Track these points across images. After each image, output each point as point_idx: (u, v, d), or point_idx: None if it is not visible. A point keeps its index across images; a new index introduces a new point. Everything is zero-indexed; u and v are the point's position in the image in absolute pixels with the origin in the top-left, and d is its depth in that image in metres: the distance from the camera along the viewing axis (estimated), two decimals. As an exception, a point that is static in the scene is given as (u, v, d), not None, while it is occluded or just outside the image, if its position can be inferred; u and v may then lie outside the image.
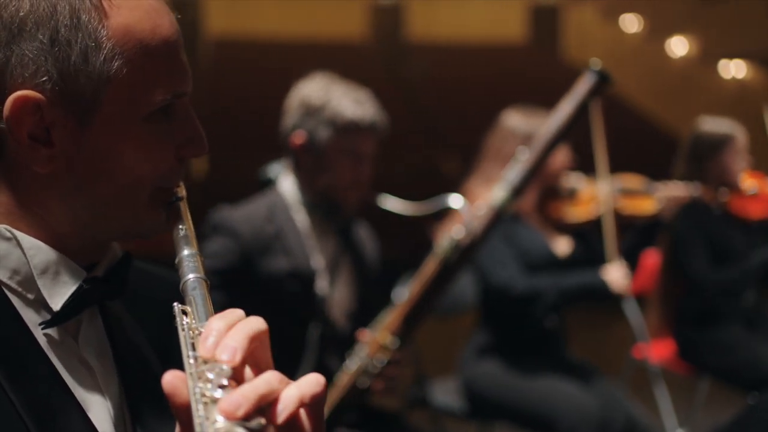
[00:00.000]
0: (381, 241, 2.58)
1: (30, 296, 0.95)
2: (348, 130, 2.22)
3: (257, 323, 0.81)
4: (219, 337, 0.79)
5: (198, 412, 0.72)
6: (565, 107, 2.18)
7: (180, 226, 0.98)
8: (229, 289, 2.18)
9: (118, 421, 0.99)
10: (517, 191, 2.17)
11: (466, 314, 3.27)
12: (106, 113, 0.93)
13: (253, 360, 0.80)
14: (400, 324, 2.11)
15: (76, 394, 0.95)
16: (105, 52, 0.92)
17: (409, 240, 3.16)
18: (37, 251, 0.95)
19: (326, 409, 2.05)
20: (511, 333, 2.95)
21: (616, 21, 15.14)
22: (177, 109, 1.00)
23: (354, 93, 2.27)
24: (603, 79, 2.15)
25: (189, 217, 1.01)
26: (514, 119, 2.95)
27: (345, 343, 2.23)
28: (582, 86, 2.17)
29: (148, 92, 0.95)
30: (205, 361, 0.77)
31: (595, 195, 3.03)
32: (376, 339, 2.11)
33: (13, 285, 0.94)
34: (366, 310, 2.31)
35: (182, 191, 1.04)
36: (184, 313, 0.87)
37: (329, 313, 2.29)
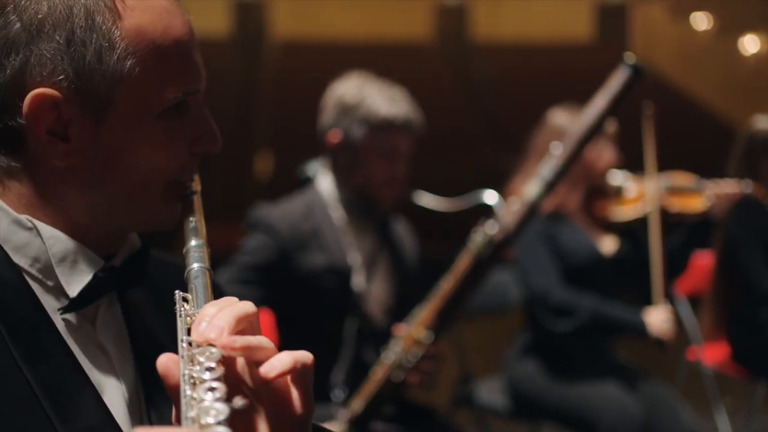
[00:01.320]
0: (426, 238, 2.61)
1: (49, 283, 1.01)
2: (382, 128, 2.26)
3: (245, 306, 0.85)
4: (211, 322, 0.84)
5: (185, 392, 0.76)
6: (599, 102, 2.17)
7: (191, 218, 1.03)
8: (267, 284, 2.24)
9: (133, 404, 1.04)
10: (551, 186, 2.17)
11: (512, 314, 3.28)
12: (120, 110, 0.98)
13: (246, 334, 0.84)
14: (433, 319, 2.14)
15: (91, 377, 1.00)
16: (118, 51, 0.97)
17: (454, 236, 3.18)
18: (56, 241, 1.01)
19: (362, 402, 2.10)
20: (555, 334, 2.94)
21: (686, 19, 14.83)
22: (190, 107, 1.04)
23: (388, 91, 2.31)
24: (637, 73, 2.14)
25: (201, 210, 1.06)
26: (560, 117, 2.94)
27: (382, 338, 2.27)
28: (616, 80, 2.16)
29: (161, 90, 0.99)
30: (198, 345, 0.82)
31: (643, 193, 3.00)
32: (410, 333, 2.15)
33: (34, 272, 1.00)
34: (404, 306, 2.34)
35: (196, 185, 1.09)
36: (185, 300, 0.92)
37: (366, 308, 2.34)
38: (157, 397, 1.05)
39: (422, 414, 2.41)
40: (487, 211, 2.30)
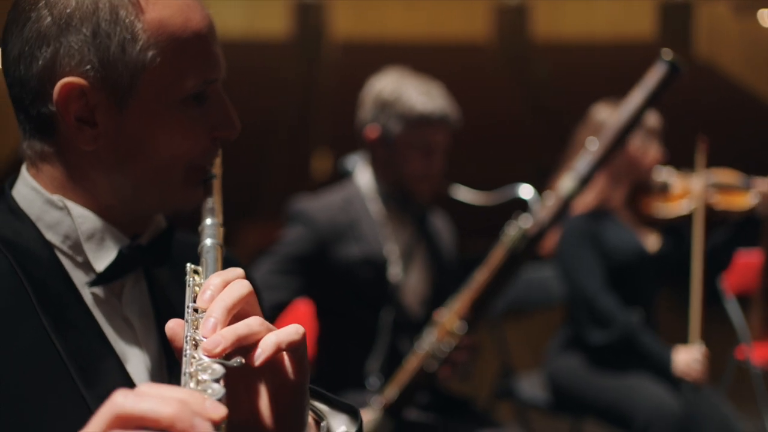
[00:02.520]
0: (465, 233, 2.65)
1: (79, 259, 1.08)
2: (419, 123, 2.31)
3: (240, 289, 0.88)
4: (215, 291, 0.89)
5: (186, 351, 0.83)
6: (635, 97, 2.18)
7: (209, 200, 1.09)
8: (306, 275, 2.31)
9: (155, 374, 1.10)
10: (585, 181, 2.19)
11: (554, 309, 3.29)
12: (143, 98, 1.05)
13: (240, 318, 0.89)
14: (467, 310, 2.18)
15: (115, 347, 1.06)
16: (140, 43, 1.04)
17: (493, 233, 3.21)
18: (85, 219, 1.08)
19: (395, 390, 2.15)
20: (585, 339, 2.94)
21: (752, 16, 14.48)
22: (210, 95, 1.11)
23: (425, 87, 2.35)
24: (674, 70, 2.14)
25: (219, 193, 1.12)
26: (602, 112, 2.94)
27: (417, 329, 2.31)
28: (652, 77, 2.16)
29: (180, 80, 1.06)
30: (202, 311, 0.87)
31: (688, 189, 2.98)
32: (444, 324, 2.18)
33: (65, 248, 1.07)
34: (440, 298, 2.38)
35: (217, 169, 1.15)
36: (196, 272, 0.98)
37: (402, 299, 2.38)
38: (177, 368, 1.12)
39: (459, 404, 2.44)
40: (523, 206, 2.32)
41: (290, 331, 0.87)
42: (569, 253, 2.86)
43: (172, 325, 0.86)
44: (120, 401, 0.69)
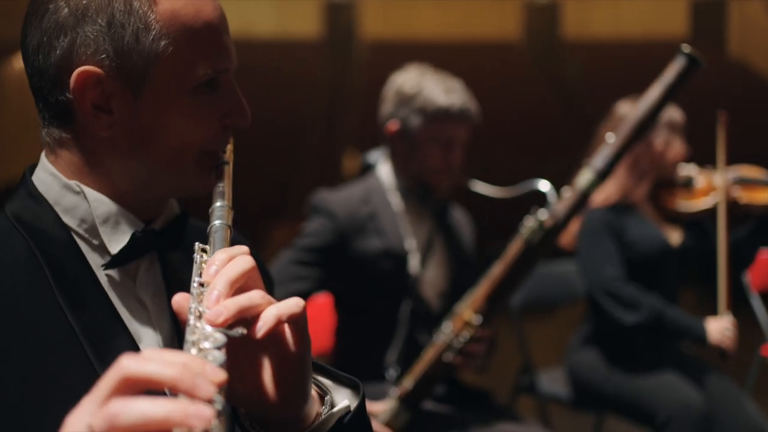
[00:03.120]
0: (488, 228, 2.66)
1: (95, 242, 1.12)
2: (438, 117, 2.33)
3: (243, 264, 0.92)
4: (220, 265, 0.92)
5: (190, 322, 0.86)
6: (654, 91, 2.19)
7: (219, 184, 1.13)
8: (326, 266, 2.34)
9: None
10: (603, 175, 2.20)
11: (579, 305, 3.29)
12: (156, 86, 1.08)
13: (243, 292, 0.92)
14: (483, 302, 2.20)
15: (129, 327, 1.10)
16: (153, 33, 1.07)
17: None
18: (100, 204, 1.12)
19: (412, 380, 2.18)
20: (617, 325, 2.94)
21: (787, 14, 14.30)
22: (221, 83, 1.14)
23: (446, 82, 2.37)
24: (693, 63, 2.15)
25: (230, 178, 1.15)
26: (625, 108, 2.94)
27: (435, 321, 2.34)
28: (671, 70, 2.17)
29: (192, 68, 1.09)
30: (207, 285, 0.91)
31: (711, 185, 2.98)
32: (461, 316, 2.21)
33: (81, 231, 1.11)
34: (459, 291, 2.40)
35: (228, 156, 1.18)
36: (204, 250, 1.01)
37: (421, 292, 2.41)
38: None
39: (477, 397, 2.46)
40: (543, 202, 2.33)
41: (291, 304, 0.91)
42: (589, 244, 2.86)
43: (179, 299, 0.90)
44: (126, 364, 0.72)
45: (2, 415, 0.97)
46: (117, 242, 1.12)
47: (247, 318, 0.88)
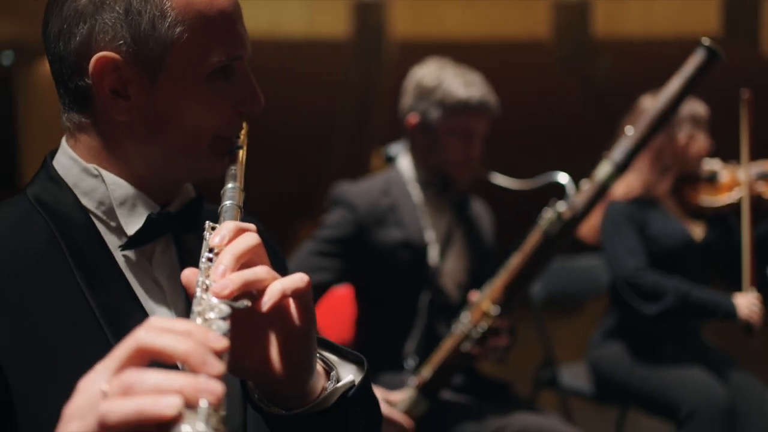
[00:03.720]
0: (508, 222, 2.67)
1: (112, 224, 1.15)
2: (457, 110, 2.35)
3: (249, 240, 0.94)
4: (228, 233, 0.95)
5: (197, 294, 0.89)
6: (673, 84, 2.19)
7: (232, 167, 1.16)
8: (346, 257, 2.37)
9: None
10: (622, 168, 2.21)
11: (604, 299, 3.28)
12: (171, 72, 1.12)
13: (249, 267, 0.94)
14: (501, 293, 2.21)
15: (145, 306, 1.13)
16: (169, 20, 1.10)
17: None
18: (118, 187, 1.15)
19: (431, 370, 2.20)
20: (639, 317, 2.94)
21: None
22: (235, 71, 1.17)
23: (465, 75, 2.39)
24: (712, 56, 2.14)
25: (243, 162, 1.18)
26: (649, 102, 2.94)
27: (454, 312, 2.36)
28: (690, 63, 2.17)
29: (206, 55, 1.12)
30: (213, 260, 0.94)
31: (735, 180, 2.96)
32: (479, 306, 2.22)
33: (99, 214, 1.15)
34: (478, 282, 2.41)
35: (242, 141, 1.21)
36: (213, 229, 1.04)
37: (440, 283, 2.43)
38: None
39: (497, 388, 2.47)
40: (563, 195, 2.33)
41: (295, 279, 0.93)
42: (611, 236, 2.86)
43: (188, 274, 0.92)
44: (142, 336, 0.75)
45: (24, 387, 1.00)
46: (133, 224, 1.15)
47: (252, 292, 0.91)
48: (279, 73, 13.92)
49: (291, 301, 0.94)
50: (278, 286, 0.91)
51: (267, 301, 0.90)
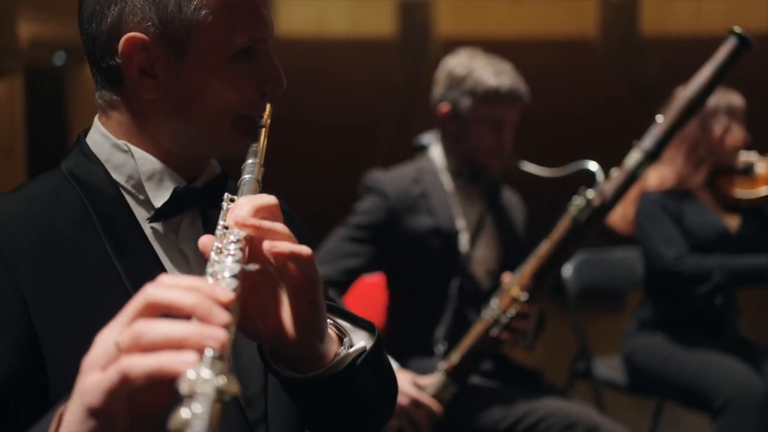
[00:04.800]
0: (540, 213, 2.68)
1: (141, 197, 1.21)
2: (488, 99, 2.38)
3: (267, 198, 1.00)
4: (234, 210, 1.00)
5: (211, 257, 0.94)
6: (704, 72, 2.18)
7: (253, 144, 1.20)
8: (377, 243, 2.41)
9: None
10: (652, 156, 2.21)
11: (637, 291, 3.28)
12: (197, 53, 1.17)
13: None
14: (529, 279, 2.23)
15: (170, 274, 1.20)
16: (194, 3, 1.15)
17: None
18: (146, 162, 1.21)
19: (459, 355, 2.23)
20: (674, 308, 2.93)
21: None
22: (259, 52, 1.22)
23: (496, 65, 2.42)
24: (743, 43, 2.14)
25: (264, 140, 1.22)
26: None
27: (484, 299, 2.38)
28: (722, 51, 2.17)
29: (230, 37, 1.17)
30: (228, 228, 0.99)
31: None
32: (508, 292, 2.25)
33: (129, 187, 1.21)
34: (508, 270, 2.43)
35: (265, 121, 1.26)
36: (231, 200, 1.09)
37: (470, 269, 2.45)
38: None
39: (528, 376, 2.49)
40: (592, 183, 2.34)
41: (303, 247, 0.97)
42: (646, 227, 2.86)
43: (204, 240, 0.97)
44: (151, 291, 0.81)
45: (54, 347, 1.06)
46: (160, 197, 1.21)
47: (264, 238, 0.96)
48: (324, 72, 14.03)
49: (297, 270, 0.98)
50: (289, 245, 0.96)
51: (276, 246, 0.95)
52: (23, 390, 1.03)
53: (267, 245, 0.95)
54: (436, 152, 2.55)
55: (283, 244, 0.96)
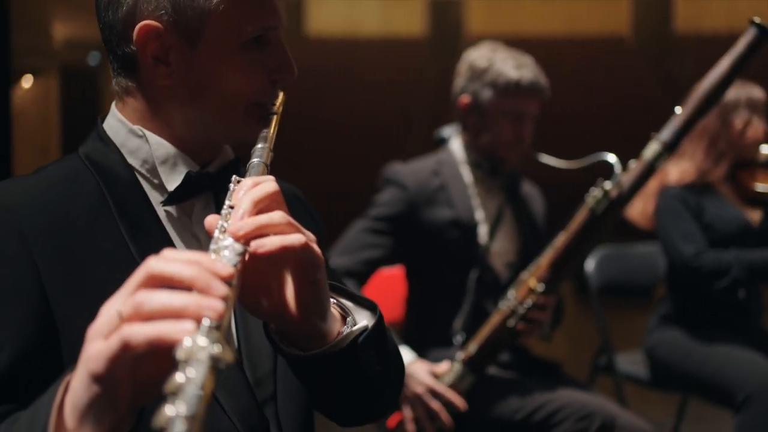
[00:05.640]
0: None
1: (155, 181, 1.25)
2: (508, 91, 2.39)
3: (267, 187, 1.02)
4: (247, 190, 1.03)
5: (215, 235, 0.97)
6: (723, 63, 2.18)
7: (264, 130, 1.24)
8: (397, 234, 2.44)
9: None
10: (670, 147, 2.20)
11: (660, 286, 3.27)
12: (209, 40, 1.20)
13: (266, 212, 1.02)
14: (546, 270, 2.24)
15: None
16: None
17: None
18: (160, 146, 1.25)
19: (476, 345, 2.25)
20: (695, 302, 2.92)
21: None
22: (270, 40, 1.25)
23: (517, 58, 2.43)
24: (763, 34, 2.13)
25: (275, 126, 1.25)
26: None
27: (502, 290, 2.39)
28: (741, 42, 2.16)
29: (241, 25, 1.20)
30: (233, 207, 1.02)
31: None
32: (525, 283, 2.26)
33: (143, 171, 1.24)
34: (527, 262, 2.45)
35: (277, 108, 1.29)
36: (238, 182, 1.12)
37: (489, 261, 2.47)
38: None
39: (546, 368, 2.50)
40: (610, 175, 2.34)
41: (294, 238, 0.98)
42: (666, 222, 2.86)
43: (210, 219, 1.00)
44: (152, 263, 0.84)
45: (68, 321, 1.10)
46: (174, 181, 1.24)
47: (267, 235, 0.98)
48: (356, 71, 14.09)
49: (294, 255, 1.00)
50: (278, 240, 0.98)
51: (265, 246, 0.97)
52: (39, 364, 1.07)
53: (254, 245, 0.96)
54: (456, 145, 2.57)
55: (271, 241, 0.97)
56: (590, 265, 3.25)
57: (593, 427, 2.19)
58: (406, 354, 2.30)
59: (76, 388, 0.83)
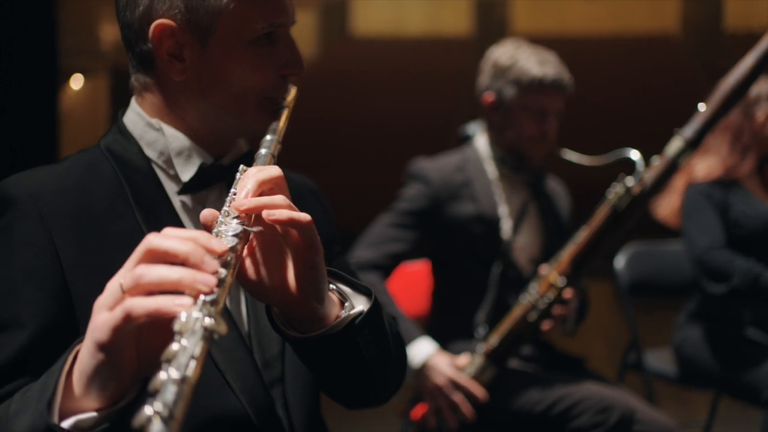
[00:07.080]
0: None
1: (171, 172, 1.31)
2: (532, 88, 2.42)
3: (270, 171, 1.08)
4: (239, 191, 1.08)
5: (220, 218, 1.03)
6: (747, 61, 2.18)
7: (273, 123, 1.29)
8: (421, 229, 2.48)
9: None
10: (693, 144, 2.21)
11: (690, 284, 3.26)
12: (220, 37, 1.26)
13: (269, 194, 1.07)
14: (567, 265, 2.27)
15: None
16: None
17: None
18: (175, 139, 1.31)
19: (498, 338, 2.28)
20: (720, 299, 2.91)
21: None
22: (279, 37, 1.31)
23: (540, 54, 2.46)
24: (787, 30, 2.13)
25: (284, 119, 1.31)
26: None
27: (525, 285, 2.42)
28: (766, 39, 2.15)
29: (250, 22, 1.26)
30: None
31: None
32: (547, 278, 2.29)
33: (160, 163, 1.31)
34: (551, 257, 2.47)
35: (288, 102, 1.34)
36: (245, 170, 1.17)
37: (512, 256, 2.50)
38: None
39: (570, 362, 2.52)
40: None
41: (301, 214, 1.04)
42: (688, 217, 2.85)
43: (206, 213, 1.05)
44: (151, 239, 0.92)
45: (85, 302, 1.16)
46: (188, 172, 1.31)
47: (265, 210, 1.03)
48: (400, 71, 14.14)
49: (299, 236, 1.05)
50: (287, 212, 1.03)
51: (274, 214, 1.02)
52: (58, 341, 1.14)
53: (266, 213, 1.02)
54: (480, 141, 2.60)
55: (280, 211, 1.03)
56: (621, 262, 3.26)
57: (612, 420, 2.20)
58: (428, 346, 2.34)
59: (84, 354, 0.91)
